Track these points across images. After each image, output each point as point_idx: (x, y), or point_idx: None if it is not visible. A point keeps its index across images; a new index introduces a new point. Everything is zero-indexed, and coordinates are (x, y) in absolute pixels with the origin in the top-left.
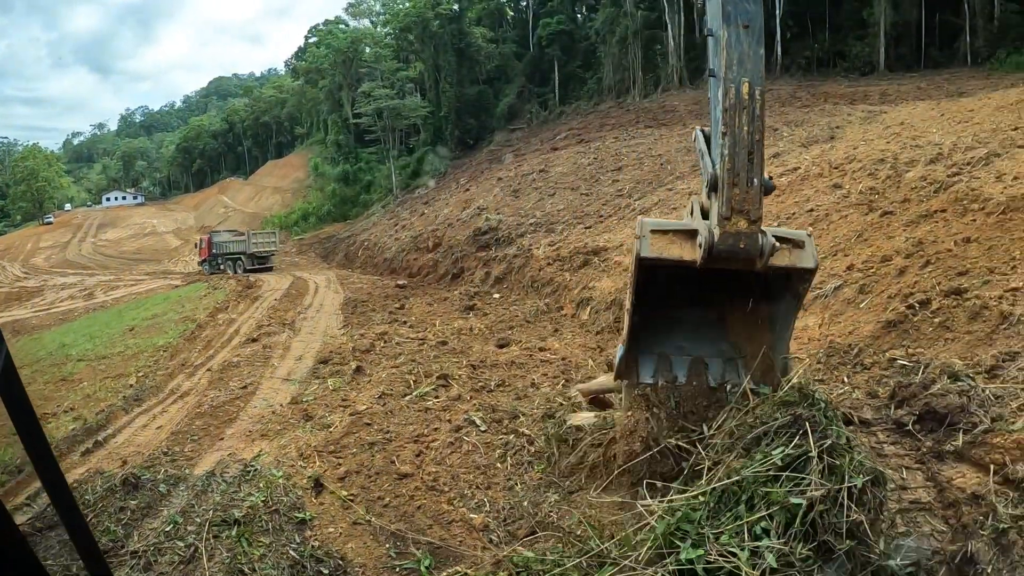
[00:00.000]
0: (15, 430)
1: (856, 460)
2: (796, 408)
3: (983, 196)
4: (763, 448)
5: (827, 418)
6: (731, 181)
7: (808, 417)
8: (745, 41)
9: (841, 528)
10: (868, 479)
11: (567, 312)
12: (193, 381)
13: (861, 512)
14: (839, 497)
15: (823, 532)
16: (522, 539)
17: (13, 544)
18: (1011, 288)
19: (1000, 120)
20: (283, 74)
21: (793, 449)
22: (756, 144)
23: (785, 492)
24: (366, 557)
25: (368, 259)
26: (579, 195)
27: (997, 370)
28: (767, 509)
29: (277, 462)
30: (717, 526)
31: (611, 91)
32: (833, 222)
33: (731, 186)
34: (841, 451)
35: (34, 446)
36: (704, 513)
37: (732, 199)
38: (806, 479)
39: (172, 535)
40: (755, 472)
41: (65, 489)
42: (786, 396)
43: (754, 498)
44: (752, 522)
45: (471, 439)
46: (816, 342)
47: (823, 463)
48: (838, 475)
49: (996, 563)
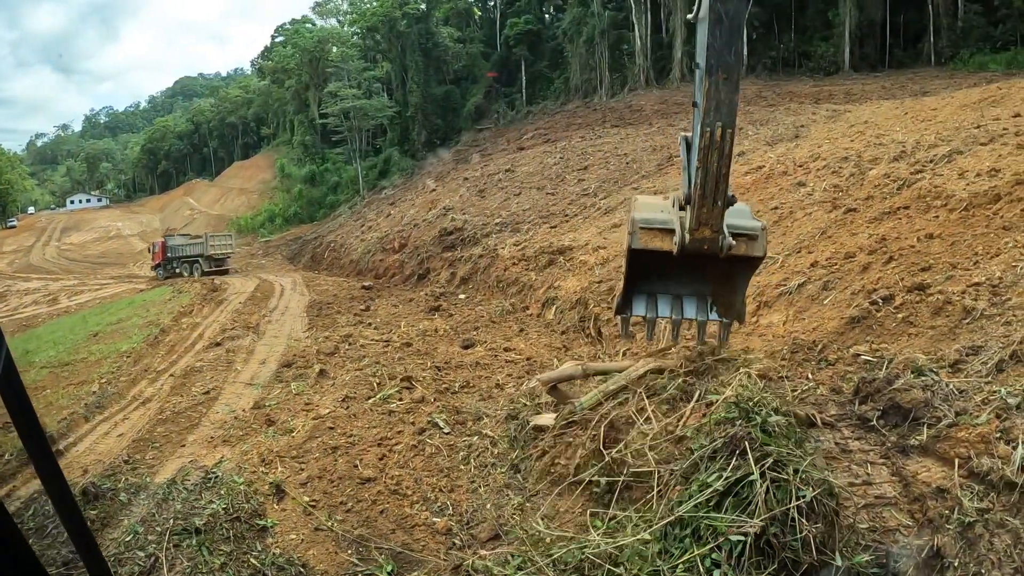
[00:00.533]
0: (15, 429)
1: (802, 472)
2: (731, 427)
3: (946, 193)
4: (701, 476)
5: (765, 432)
6: (700, 203)
7: (744, 435)
8: (723, 90)
9: (797, 545)
10: (816, 492)
11: (532, 312)
12: (156, 387)
13: (812, 526)
14: (790, 513)
15: (780, 551)
16: (484, 542)
17: (13, 543)
18: (974, 283)
19: (963, 118)
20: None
21: (732, 472)
22: (723, 176)
23: (729, 520)
24: (328, 564)
25: (334, 261)
26: (545, 194)
27: (960, 364)
28: (714, 540)
29: (239, 468)
30: (669, 560)
31: (578, 91)
32: (797, 219)
33: (700, 206)
34: (785, 465)
35: (34, 445)
36: (655, 548)
37: (700, 216)
38: (751, 502)
39: (133, 545)
40: (696, 503)
41: (65, 488)
42: (726, 412)
43: (700, 529)
44: (702, 555)
45: (434, 442)
46: (781, 339)
47: (766, 481)
48: (784, 491)
49: (963, 556)
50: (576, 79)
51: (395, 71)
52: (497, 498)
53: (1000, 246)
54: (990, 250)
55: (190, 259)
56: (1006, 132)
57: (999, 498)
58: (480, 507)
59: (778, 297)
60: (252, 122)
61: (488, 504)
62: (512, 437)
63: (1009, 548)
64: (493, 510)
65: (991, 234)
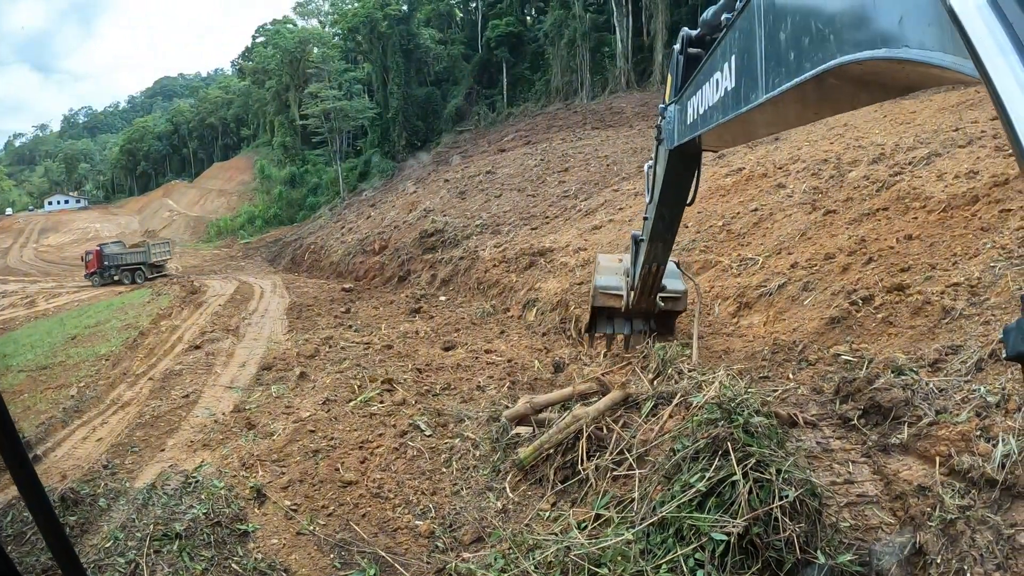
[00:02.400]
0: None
1: (784, 472)
2: (713, 428)
3: (924, 195)
4: (683, 476)
5: (748, 433)
6: (640, 297)
7: (727, 436)
8: (660, 248)
9: (780, 544)
10: (799, 492)
11: (513, 313)
12: (135, 391)
13: (795, 525)
14: (773, 512)
15: (764, 551)
16: (467, 545)
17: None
18: (952, 283)
19: (941, 121)
20: (230, 74)
21: (715, 472)
22: (656, 287)
23: (712, 520)
24: (311, 568)
25: (315, 263)
26: (526, 196)
27: (940, 363)
28: (697, 540)
29: (219, 472)
30: (652, 560)
31: (559, 93)
32: (777, 221)
33: (639, 299)
34: (768, 465)
35: (9, 450)
36: (637, 549)
37: (639, 301)
38: (734, 502)
39: (113, 551)
40: (679, 503)
41: (41, 494)
42: (707, 413)
43: (682, 529)
44: (686, 555)
45: (416, 444)
46: (761, 339)
47: (749, 481)
48: (767, 491)
49: (945, 553)
50: (557, 81)
51: (376, 72)
52: (479, 500)
53: (978, 247)
54: (968, 251)
55: (131, 267)
56: (984, 135)
57: (980, 495)
58: (463, 509)
59: (758, 298)
60: (232, 123)
61: (471, 507)
62: (494, 439)
63: (991, 544)
64: (476, 512)
65: (969, 235)
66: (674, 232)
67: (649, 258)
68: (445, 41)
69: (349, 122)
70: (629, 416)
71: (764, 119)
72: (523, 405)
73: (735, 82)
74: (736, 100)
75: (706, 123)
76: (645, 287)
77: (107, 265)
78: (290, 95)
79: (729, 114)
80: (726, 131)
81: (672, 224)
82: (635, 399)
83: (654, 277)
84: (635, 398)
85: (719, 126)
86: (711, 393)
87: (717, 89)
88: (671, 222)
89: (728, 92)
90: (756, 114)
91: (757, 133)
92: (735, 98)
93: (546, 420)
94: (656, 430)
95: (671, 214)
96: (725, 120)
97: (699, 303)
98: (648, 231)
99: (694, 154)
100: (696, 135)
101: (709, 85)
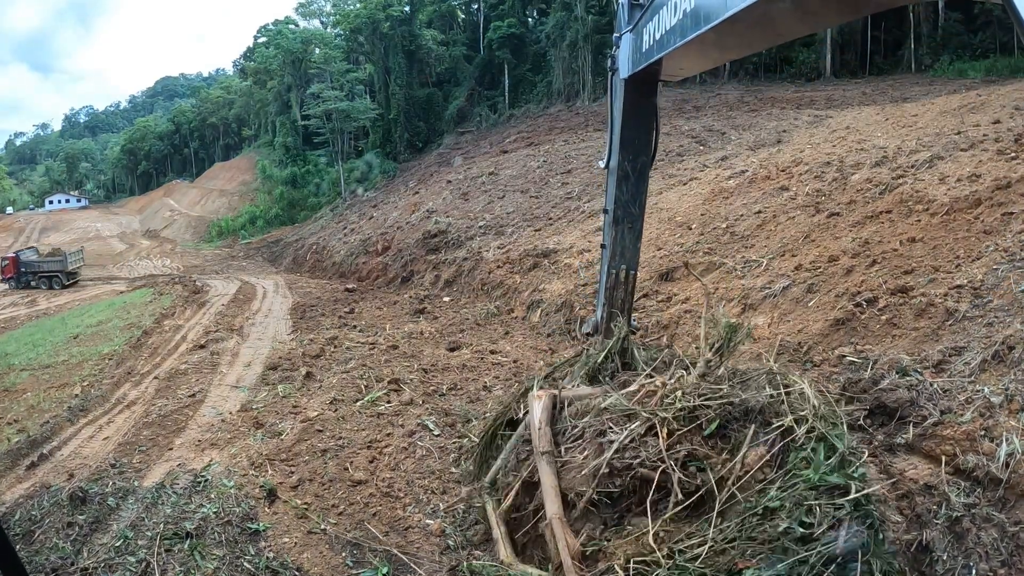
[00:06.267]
0: None
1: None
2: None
3: (927, 197)
4: None
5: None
6: (606, 333)
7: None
8: (628, 238)
9: None
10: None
11: (517, 314)
12: (140, 390)
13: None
14: None
15: None
16: (478, 544)
17: None
18: (955, 285)
19: (943, 124)
20: (231, 74)
21: None
22: (627, 310)
23: None
24: (323, 567)
25: (317, 263)
26: (528, 198)
27: (944, 365)
28: None
29: (228, 472)
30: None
31: (561, 94)
32: (781, 223)
33: (604, 332)
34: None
35: None
36: None
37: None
38: None
39: (123, 550)
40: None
41: None
42: None
43: None
44: None
45: (425, 444)
46: (766, 340)
47: None
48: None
49: (951, 551)
50: (559, 83)
51: (378, 73)
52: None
53: (981, 250)
54: (971, 253)
55: (49, 274)
56: (986, 138)
57: (985, 493)
58: (473, 508)
59: (763, 300)
60: (233, 123)
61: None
62: None
63: (996, 541)
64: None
65: (972, 238)
66: (641, 206)
67: (615, 253)
68: (447, 42)
69: (351, 123)
70: None
71: (724, 42)
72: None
73: (694, 3)
74: (696, 21)
75: (662, 48)
76: (614, 300)
77: (23, 271)
78: (292, 95)
79: (688, 35)
80: (684, 57)
81: (638, 190)
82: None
83: (624, 286)
84: None
85: (677, 50)
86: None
87: (675, 12)
88: (637, 186)
89: (687, 13)
90: (713, 35)
91: (714, 58)
92: (694, 19)
93: None
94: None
95: (635, 172)
96: (683, 43)
97: (706, 304)
98: (610, 199)
99: (651, 83)
100: (652, 61)
101: (667, 9)
